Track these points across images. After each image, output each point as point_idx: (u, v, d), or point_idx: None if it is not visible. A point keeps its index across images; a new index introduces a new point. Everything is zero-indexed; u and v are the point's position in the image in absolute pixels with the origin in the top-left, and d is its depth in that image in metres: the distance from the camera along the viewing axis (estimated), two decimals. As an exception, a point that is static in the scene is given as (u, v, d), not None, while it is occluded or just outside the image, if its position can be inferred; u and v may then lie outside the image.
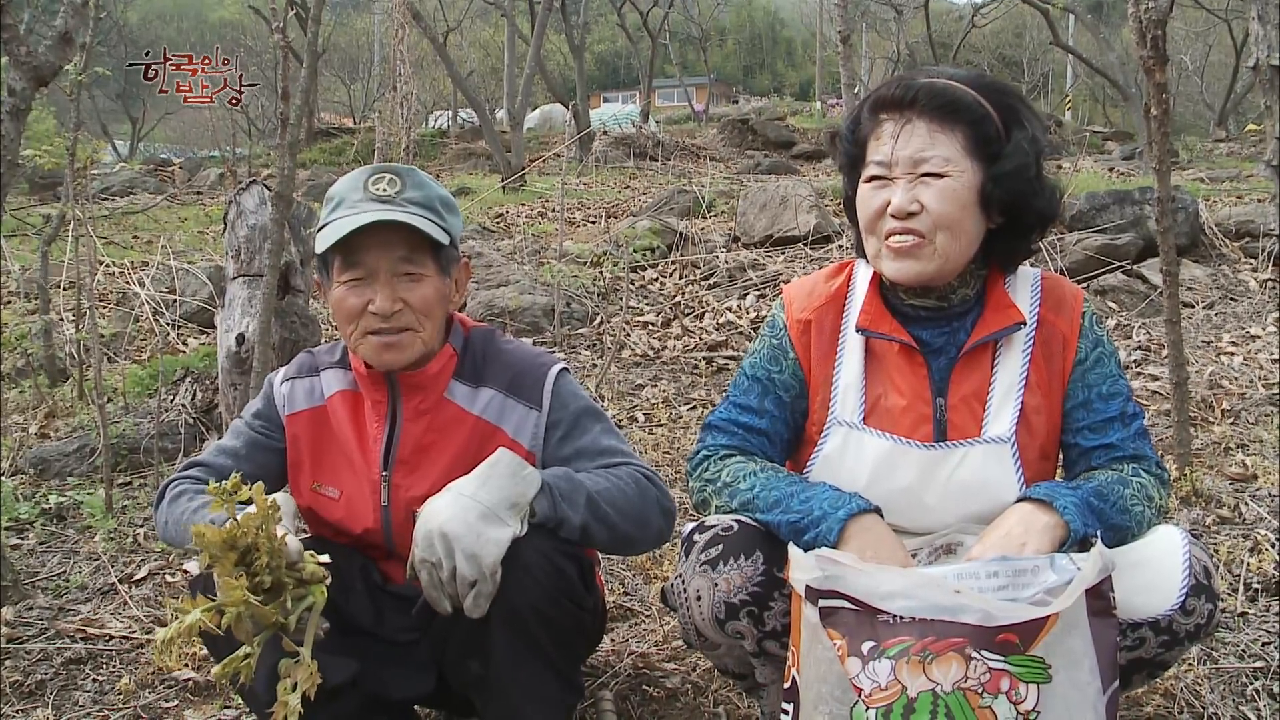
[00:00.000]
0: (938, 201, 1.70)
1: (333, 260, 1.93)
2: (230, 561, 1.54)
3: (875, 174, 1.76)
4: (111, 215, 9.91)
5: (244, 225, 4.21)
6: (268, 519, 1.58)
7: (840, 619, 1.50)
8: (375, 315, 1.89)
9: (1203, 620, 1.64)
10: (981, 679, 1.43)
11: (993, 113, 1.73)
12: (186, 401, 4.62)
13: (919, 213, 1.71)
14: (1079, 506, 1.65)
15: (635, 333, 6.19)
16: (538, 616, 1.79)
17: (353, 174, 1.98)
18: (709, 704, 2.33)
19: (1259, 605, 2.70)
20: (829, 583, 1.51)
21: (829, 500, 1.71)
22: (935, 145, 1.71)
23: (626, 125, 22.45)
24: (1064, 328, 1.82)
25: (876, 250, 1.79)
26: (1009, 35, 32.84)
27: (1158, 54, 3.40)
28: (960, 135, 1.72)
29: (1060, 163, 12.10)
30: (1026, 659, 1.45)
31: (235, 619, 1.53)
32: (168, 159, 22.02)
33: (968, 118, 1.72)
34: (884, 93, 1.78)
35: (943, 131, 1.71)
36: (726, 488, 1.83)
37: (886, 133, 1.75)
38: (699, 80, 40.28)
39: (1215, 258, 7.03)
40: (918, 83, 1.74)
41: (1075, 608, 1.47)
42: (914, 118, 1.72)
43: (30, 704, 2.49)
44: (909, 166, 1.72)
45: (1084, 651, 1.48)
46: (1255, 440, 4.09)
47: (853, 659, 1.47)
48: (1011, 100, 1.78)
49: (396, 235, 1.89)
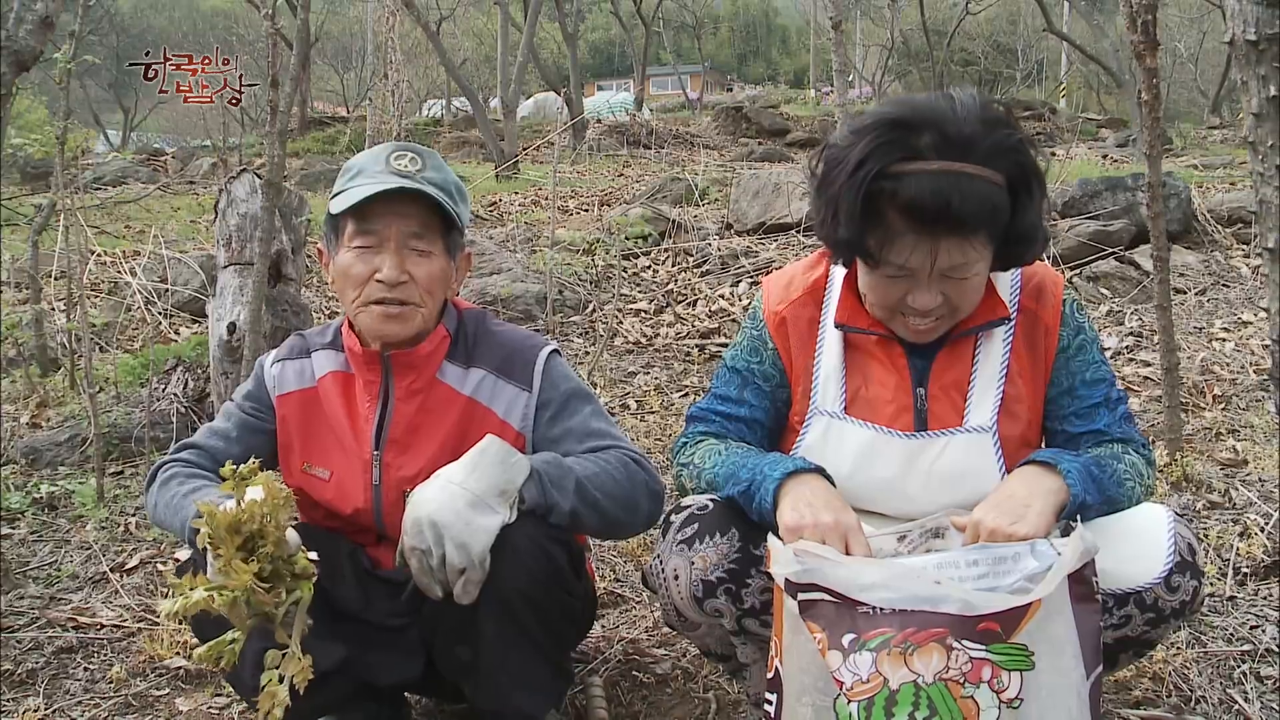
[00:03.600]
0: (961, 296, 1.70)
1: (344, 225, 1.94)
2: (233, 545, 1.54)
3: (894, 274, 1.67)
4: (103, 205, 9.86)
5: (235, 214, 4.20)
6: (278, 508, 1.58)
7: (819, 611, 1.49)
8: (381, 284, 1.90)
9: (1187, 598, 1.65)
10: (963, 669, 1.43)
11: (1005, 190, 1.62)
12: (178, 390, 4.60)
13: (942, 302, 1.69)
14: (1081, 472, 1.65)
15: (628, 320, 6.18)
16: (527, 603, 1.79)
17: (375, 149, 2.01)
18: (699, 689, 2.34)
19: (1247, 589, 2.71)
20: (807, 576, 1.50)
21: (769, 464, 1.72)
22: (965, 257, 1.63)
23: (620, 113, 22.42)
24: (1045, 316, 1.81)
25: (889, 319, 1.76)
26: (1003, 22, 32.75)
27: (1148, 39, 3.39)
28: (983, 235, 1.63)
29: (1054, 150, 12.10)
30: (1009, 647, 1.44)
31: (231, 603, 1.53)
32: (160, 148, 21.89)
33: (992, 222, 1.61)
34: (904, 197, 1.58)
35: (970, 241, 1.61)
36: (696, 470, 1.85)
37: (908, 242, 1.61)
38: (693, 68, 40.17)
39: (1208, 244, 7.04)
40: (944, 194, 1.55)
41: (1058, 593, 1.47)
42: (943, 236, 1.59)
43: (21, 693, 2.49)
44: (937, 274, 1.65)
45: (1067, 637, 1.48)
46: (1246, 426, 4.11)
47: (833, 652, 1.46)
48: (1021, 157, 1.64)
49: (412, 208, 1.91)
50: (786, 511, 1.63)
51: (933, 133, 1.59)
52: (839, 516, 1.61)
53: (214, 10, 38.08)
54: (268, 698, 1.55)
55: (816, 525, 1.59)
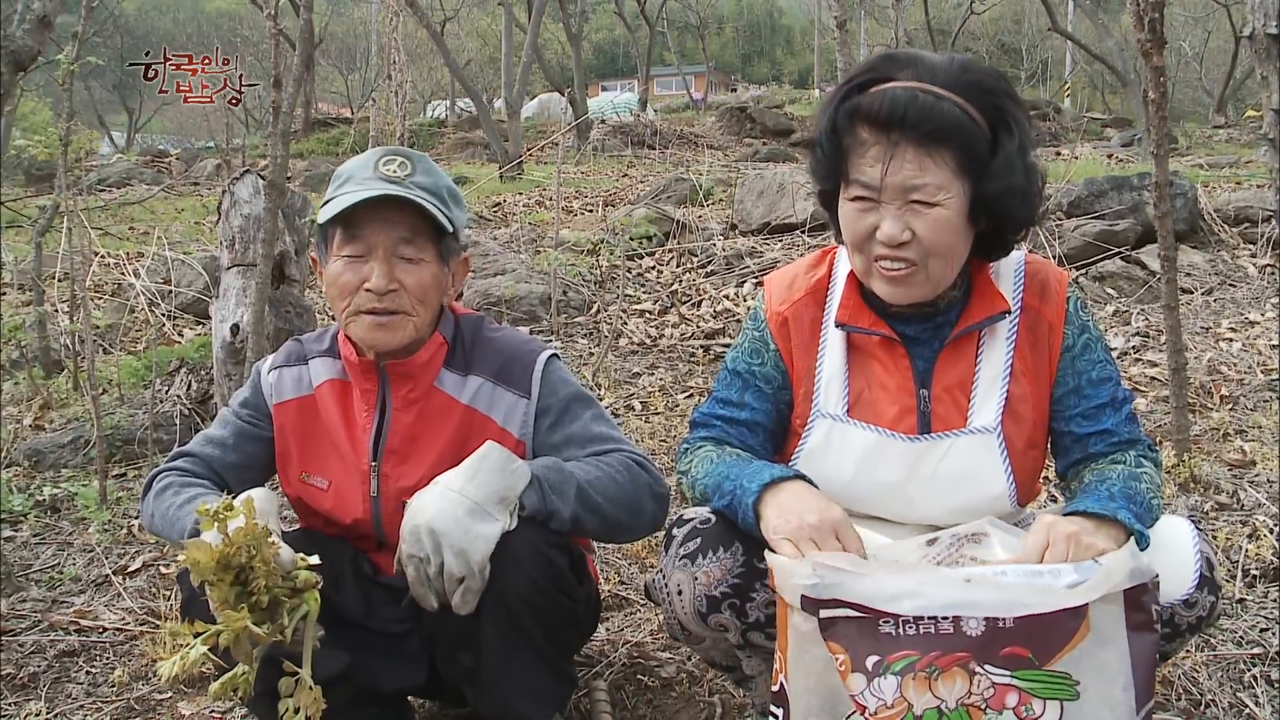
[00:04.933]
0: (930, 231, 1.62)
1: (333, 234, 1.91)
2: (227, 583, 1.52)
3: (861, 194, 1.65)
4: (107, 206, 9.86)
5: (238, 215, 4.20)
6: (259, 542, 1.55)
7: (841, 630, 1.42)
8: (370, 293, 1.87)
9: (1204, 613, 1.62)
10: (985, 694, 1.39)
11: (981, 123, 1.62)
12: (181, 392, 4.60)
13: (910, 240, 1.63)
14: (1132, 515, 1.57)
15: (632, 321, 6.17)
16: (528, 609, 1.78)
17: (365, 154, 1.97)
18: (704, 693, 2.32)
19: (1257, 591, 2.69)
20: (828, 590, 1.43)
21: (747, 476, 1.68)
22: (925, 173, 1.59)
23: (624, 113, 22.40)
24: (1049, 314, 1.78)
25: (866, 269, 1.72)
26: (1008, 22, 32.75)
27: (1155, 37, 3.37)
28: (950, 158, 1.60)
29: (1059, 150, 12.07)
30: (1044, 674, 1.39)
31: (234, 640, 1.51)
32: (165, 150, 21.93)
33: (958, 140, 1.59)
34: (866, 105, 1.62)
35: (932, 156, 1.59)
36: (692, 480, 1.83)
37: (871, 156, 1.62)
38: (697, 68, 40.16)
39: (1214, 244, 7.01)
40: (902, 100, 1.58)
41: (1111, 620, 1.41)
42: (901, 142, 1.59)
43: (23, 696, 2.48)
44: (898, 193, 1.61)
45: (1119, 668, 1.42)
46: (1254, 426, 4.08)
47: (856, 675, 1.41)
48: (999, 99, 1.64)
49: (400, 215, 1.87)
50: (771, 520, 1.60)
51: (913, 66, 1.64)
52: (823, 515, 1.57)
53: (219, 12, 38.15)
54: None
55: (802, 529, 1.55)
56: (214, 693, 1.55)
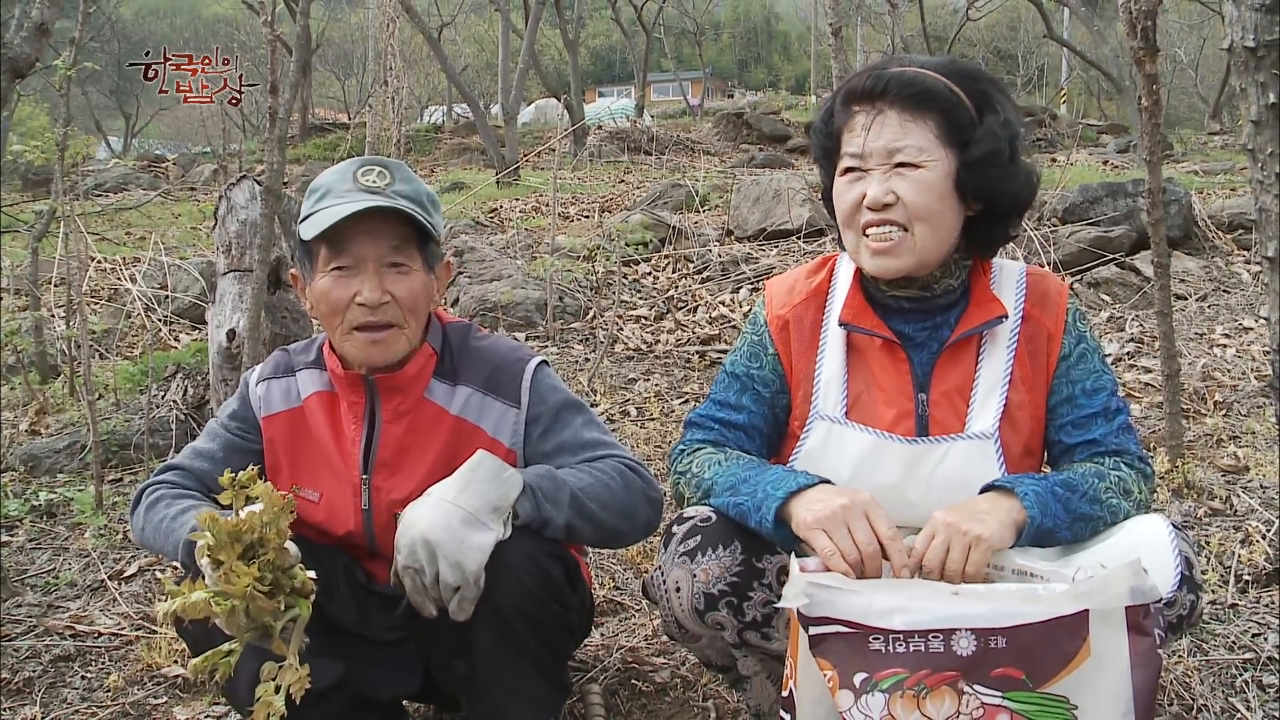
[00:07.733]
0: (914, 193, 1.70)
1: (318, 251, 1.89)
2: (234, 554, 1.53)
3: (850, 166, 1.75)
4: (104, 211, 9.87)
5: (234, 220, 4.20)
6: (278, 515, 1.56)
7: (830, 647, 1.42)
8: (362, 307, 1.85)
9: (1185, 612, 1.62)
10: (974, 714, 1.38)
11: (965, 99, 1.72)
12: (178, 398, 4.60)
13: (895, 204, 1.71)
14: (1040, 495, 1.62)
15: (628, 327, 6.18)
16: (522, 617, 1.78)
17: (340, 165, 1.94)
18: (698, 698, 2.33)
19: (1249, 597, 2.70)
20: (819, 608, 1.42)
21: (772, 482, 1.69)
22: (908, 135, 1.70)
23: (621, 119, 22.43)
24: (1049, 324, 1.81)
25: (855, 245, 1.79)
26: (1003, 29, 32.80)
27: (1148, 44, 3.39)
28: (932, 124, 1.71)
29: (1054, 156, 12.10)
30: (1039, 696, 1.38)
31: (230, 610, 1.51)
32: (162, 155, 21.93)
33: (939, 105, 1.71)
34: (855, 84, 1.77)
35: (914, 121, 1.70)
36: (694, 479, 1.83)
37: (859, 124, 1.74)
38: (694, 74, 40.25)
39: (1209, 250, 7.03)
40: (888, 73, 1.73)
41: (1114, 645, 1.39)
42: (885, 108, 1.71)
43: (18, 701, 2.48)
44: (883, 157, 1.71)
45: (1119, 694, 1.39)
46: (1247, 432, 4.09)
47: (844, 692, 1.40)
48: (983, 85, 1.76)
49: (386, 225, 1.86)
50: (800, 514, 1.60)
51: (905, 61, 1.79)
52: (853, 498, 1.58)
53: (216, 17, 38.15)
54: (263, 707, 1.52)
55: (834, 513, 1.55)
56: (194, 667, 1.55)
